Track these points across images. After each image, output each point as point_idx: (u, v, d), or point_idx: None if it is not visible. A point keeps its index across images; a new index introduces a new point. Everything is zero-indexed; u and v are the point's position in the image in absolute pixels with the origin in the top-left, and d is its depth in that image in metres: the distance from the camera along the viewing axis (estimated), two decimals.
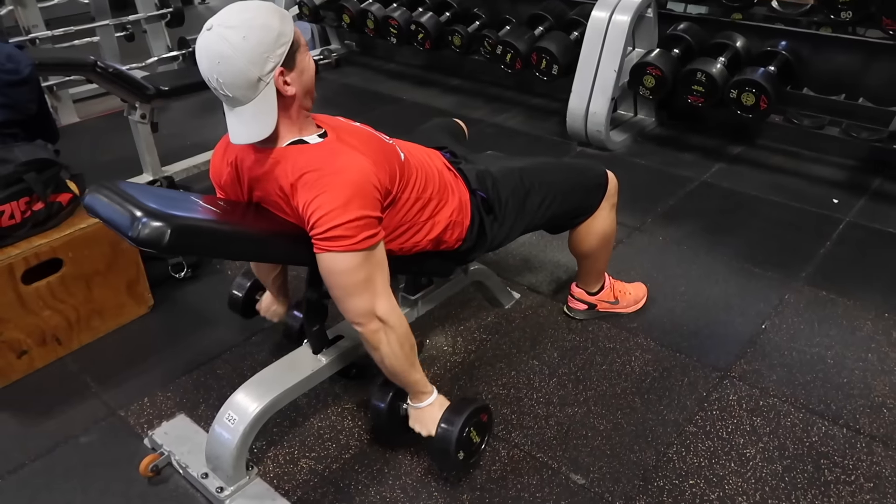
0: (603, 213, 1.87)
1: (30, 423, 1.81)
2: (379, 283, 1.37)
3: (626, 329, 2.06)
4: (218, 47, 1.25)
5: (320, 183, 1.30)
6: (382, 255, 1.38)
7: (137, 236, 1.12)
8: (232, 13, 1.28)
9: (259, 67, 1.27)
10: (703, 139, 3.31)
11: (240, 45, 1.24)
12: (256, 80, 1.27)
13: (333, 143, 1.38)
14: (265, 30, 1.26)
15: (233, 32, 1.25)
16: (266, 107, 1.31)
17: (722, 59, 2.86)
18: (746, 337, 2.01)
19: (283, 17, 1.30)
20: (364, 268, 1.34)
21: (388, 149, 1.48)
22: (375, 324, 1.39)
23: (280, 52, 1.28)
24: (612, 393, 1.82)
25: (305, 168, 1.32)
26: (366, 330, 1.40)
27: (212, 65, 1.27)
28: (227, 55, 1.25)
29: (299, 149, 1.36)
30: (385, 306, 1.39)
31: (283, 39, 1.28)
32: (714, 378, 1.86)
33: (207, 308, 2.22)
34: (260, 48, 1.26)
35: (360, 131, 1.49)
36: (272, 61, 1.28)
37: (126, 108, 2.68)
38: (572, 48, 3.20)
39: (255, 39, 1.25)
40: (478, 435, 1.54)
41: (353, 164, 1.33)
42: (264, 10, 1.29)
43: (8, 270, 1.82)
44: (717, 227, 2.60)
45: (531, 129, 3.54)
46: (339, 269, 1.33)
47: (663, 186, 2.90)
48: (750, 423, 1.71)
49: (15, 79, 2.06)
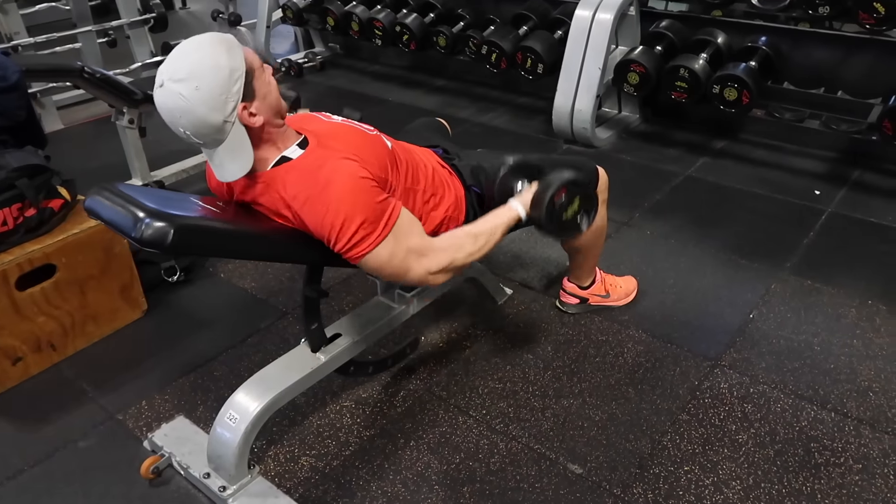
0: None
1: (27, 429, 1.81)
2: (417, 245, 1.38)
3: (617, 321, 2.09)
4: (173, 103, 1.24)
5: (317, 203, 1.31)
6: (408, 220, 1.39)
7: (141, 237, 1.13)
8: (177, 63, 1.24)
9: (220, 111, 1.25)
10: (687, 134, 3.36)
11: (194, 96, 1.22)
12: (221, 123, 1.26)
13: (315, 152, 1.38)
14: (215, 72, 1.23)
15: (183, 86, 1.22)
16: (239, 144, 1.31)
17: (704, 56, 2.91)
18: (735, 326, 2.05)
19: (231, 50, 1.25)
20: (399, 246, 1.36)
21: (372, 140, 1.50)
22: (442, 275, 1.42)
23: (237, 89, 1.25)
24: (607, 384, 1.85)
25: (295, 189, 1.33)
26: (441, 281, 1.43)
27: (173, 119, 1.26)
28: (184, 108, 1.23)
29: (285, 168, 1.37)
30: (435, 261, 1.40)
31: (236, 75, 1.25)
32: (705, 367, 1.90)
33: (202, 311, 2.23)
34: (215, 92, 1.23)
35: (339, 129, 1.50)
36: (231, 100, 1.25)
37: (114, 113, 2.68)
38: (557, 47, 3.24)
39: (208, 86, 1.22)
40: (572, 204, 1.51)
41: (338, 170, 1.33)
42: (209, 50, 1.24)
43: (1, 277, 1.82)
44: (703, 220, 2.64)
45: (517, 128, 3.58)
46: (381, 263, 1.36)
47: (649, 182, 2.95)
48: (741, 409, 1.75)
49: (3, 86, 2.07)
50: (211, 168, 1.52)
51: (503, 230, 1.51)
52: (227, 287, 2.35)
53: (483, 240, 1.47)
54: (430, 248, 1.41)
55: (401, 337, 2.02)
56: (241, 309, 2.23)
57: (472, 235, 1.47)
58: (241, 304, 2.26)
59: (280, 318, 2.17)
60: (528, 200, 1.51)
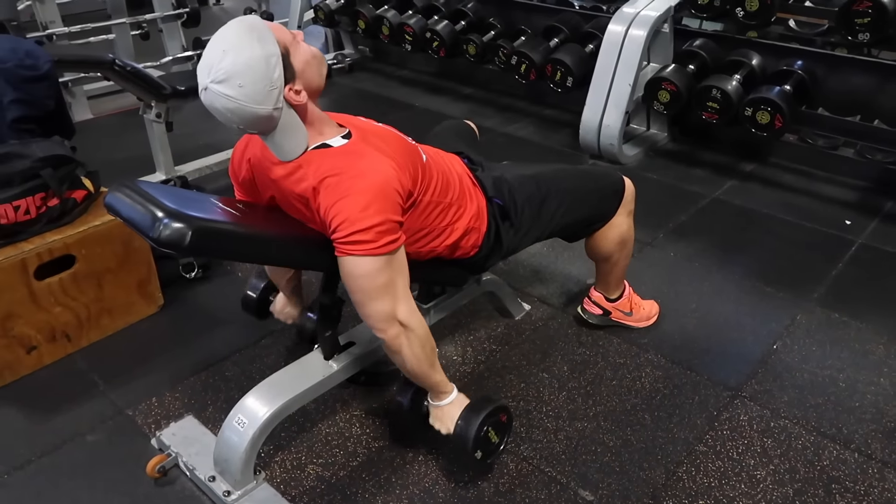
0: (619, 219, 1.86)
1: (37, 419, 1.81)
2: (400, 287, 1.37)
3: (636, 344, 2.05)
4: (221, 104, 1.24)
5: (342, 187, 1.29)
6: (403, 259, 1.38)
7: (159, 237, 1.12)
8: (214, 64, 1.22)
9: (268, 103, 1.25)
10: (715, 156, 3.30)
11: (239, 94, 1.22)
12: (271, 112, 1.26)
13: (357, 145, 1.37)
14: (254, 66, 1.21)
15: (225, 87, 1.22)
16: (291, 127, 1.31)
17: (737, 77, 2.86)
18: (758, 357, 2.00)
19: (261, 37, 1.23)
20: (385, 272, 1.33)
21: (411, 150, 1.48)
22: (396, 328, 1.38)
23: (278, 75, 1.25)
24: (622, 409, 1.81)
25: (328, 172, 1.31)
26: (387, 335, 1.39)
27: (226, 119, 1.27)
28: (233, 108, 1.23)
29: (323, 153, 1.35)
30: (405, 310, 1.38)
31: (273, 61, 1.23)
32: (725, 397, 1.85)
33: (217, 309, 2.22)
34: (260, 86, 1.22)
35: (384, 132, 1.49)
36: (276, 88, 1.25)
37: (142, 106, 2.69)
38: (587, 60, 3.20)
39: (251, 81, 1.21)
40: (496, 435, 1.54)
41: (376, 167, 1.32)
42: (241, 44, 1.22)
43: (21, 266, 1.82)
44: (728, 244, 2.59)
45: (543, 140, 3.54)
46: (360, 273, 1.32)
47: (675, 202, 2.90)
48: (761, 444, 1.70)
49: (33, 75, 2.08)
50: (235, 153, 1.51)
51: (429, 378, 1.50)
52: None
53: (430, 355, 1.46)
54: (408, 300, 1.39)
55: None
56: None
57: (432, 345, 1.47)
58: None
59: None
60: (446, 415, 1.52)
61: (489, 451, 1.54)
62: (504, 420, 1.56)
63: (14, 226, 1.83)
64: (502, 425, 1.56)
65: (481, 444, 1.49)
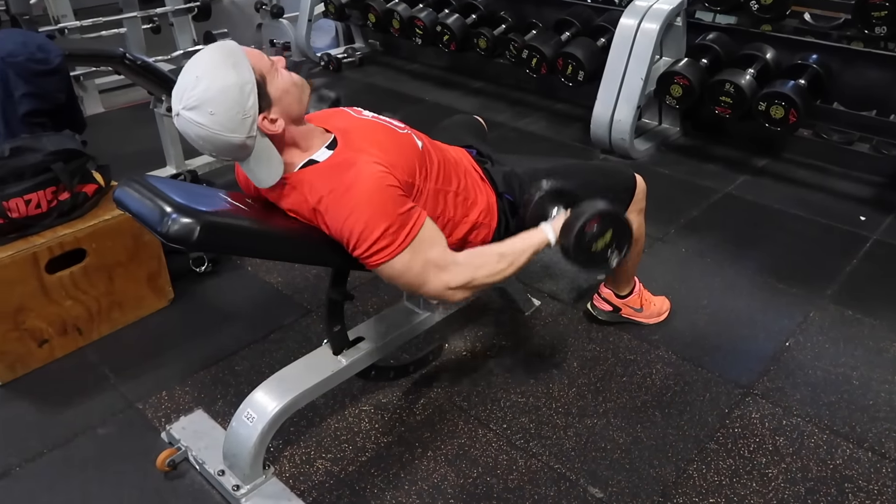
0: (630, 216, 1.83)
1: (48, 412, 1.82)
2: (437, 257, 1.35)
3: (647, 341, 2.03)
4: (193, 131, 1.23)
5: (340, 207, 1.29)
6: (430, 230, 1.36)
7: (167, 232, 1.12)
8: (187, 89, 1.22)
9: (240, 131, 1.23)
10: (728, 150, 3.27)
11: (210, 122, 1.21)
12: (244, 140, 1.25)
13: (343, 154, 1.36)
14: (226, 92, 1.20)
15: (197, 113, 1.21)
16: (265, 156, 1.30)
17: (751, 71, 2.83)
18: (770, 354, 1.98)
19: (236, 64, 1.22)
20: (418, 258, 1.32)
21: (402, 140, 1.46)
22: (460, 293, 1.38)
23: (252, 104, 1.23)
24: (633, 405, 1.80)
25: (321, 192, 1.32)
26: (459, 299, 1.39)
27: (199, 146, 1.26)
28: (204, 136, 1.23)
29: (311, 171, 1.35)
30: (454, 275, 1.36)
31: (247, 89, 1.22)
32: (736, 394, 1.83)
33: (227, 303, 2.23)
34: (232, 113, 1.21)
35: (370, 126, 1.47)
36: (249, 117, 1.23)
37: (152, 100, 2.69)
38: (599, 55, 3.18)
39: (223, 108, 1.20)
40: (602, 237, 1.44)
41: (363, 175, 1.30)
42: (215, 69, 1.21)
43: (32, 259, 1.83)
44: (740, 240, 2.56)
45: (554, 135, 3.52)
46: (397, 273, 1.33)
47: (687, 197, 2.87)
48: (772, 442, 1.68)
49: (45, 69, 2.08)
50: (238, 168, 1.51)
51: (530, 254, 1.45)
52: (254, 280, 2.34)
53: (508, 261, 1.43)
54: (451, 263, 1.37)
55: (424, 343, 1.99)
56: (265, 304, 2.22)
57: (496, 255, 1.43)
58: (265, 298, 2.25)
59: (304, 316, 2.15)
60: (560, 226, 1.46)
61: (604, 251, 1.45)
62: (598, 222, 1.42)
63: (25, 219, 1.84)
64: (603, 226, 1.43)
65: (587, 243, 1.41)
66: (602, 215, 1.43)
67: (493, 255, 1.43)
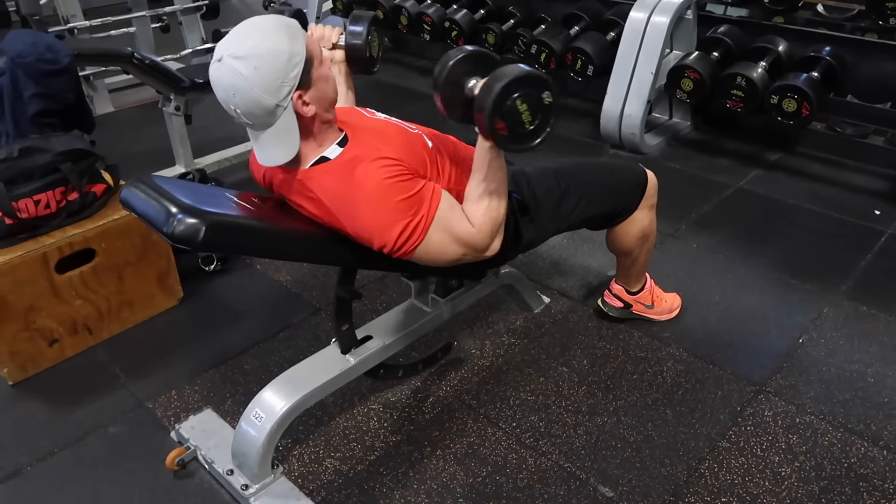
0: (641, 213, 1.82)
1: (59, 411, 1.83)
2: (464, 230, 1.36)
3: (658, 338, 2.01)
4: (229, 80, 1.23)
5: (352, 206, 1.30)
6: (448, 204, 1.36)
7: (173, 232, 1.11)
8: (238, 40, 1.24)
9: (274, 95, 1.24)
10: (740, 144, 3.23)
11: (251, 76, 1.21)
12: (273, 106, 1.25)
13: (352, 151, 1.35)
14: (275, 55, 1.22)
15: (242, 63, 1.21)
16: (287, 131, 1.29)
17: (763, 64, 2.79)
18: (783, 350, 1.95)
19: (293, 36, 1.24)
20: (446, 233, 1.34)
21: (413, 138, 1.46)
22: (495, 241, 1.42)
23: (294, 75, 1.24)
24: (643, 403, 1.78)
25: (332, 192, 1.32)
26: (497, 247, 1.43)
27: (226, 96, 1.25)
28: (239, 87, 1.23)
29: (323, 169, 1.34)
30: (484, 239, 1.39)
31: (295, 60, 1.24)
32: (749, 392, 1.81)
33: (236, 301, 2.23)
34: (272, 76, 1.22)
35: (381, 126, 1.48)
36: (287, 86, 1.24)
37: (161, 99, 2.70)
38: (608, 49, 3.15)
39: (267, 68, 1.21)
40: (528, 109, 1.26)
41: (369, 169, 1.30)
42: (272, 33, 1.24)
43: (42, 259, 1.84)
44: (753, 235, 2.54)
45: (563, 131, 3.49)
46: (433, 255, 1.35)
47: (698, 192, 2.85)
48: (786, 440, 1.66)
49: (53, 69, 2.09)
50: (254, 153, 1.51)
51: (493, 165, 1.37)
52: (263, 279, 2.34)
53: (491, 184, 1.38)
54: (475, 231, 1.38)
55: (433, 340, 1.99)
56: (274, 302, 2.22)
57: (481, 192, 1.38)
58: (275, 297, 2.25)
59: (313, 314, 2.15)
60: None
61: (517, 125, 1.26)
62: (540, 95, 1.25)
63: (35, 220, 1.85)
64: (537, 102, 1.26)
65: (506, 113, 1.23)
66: (520, 79, 1.23)
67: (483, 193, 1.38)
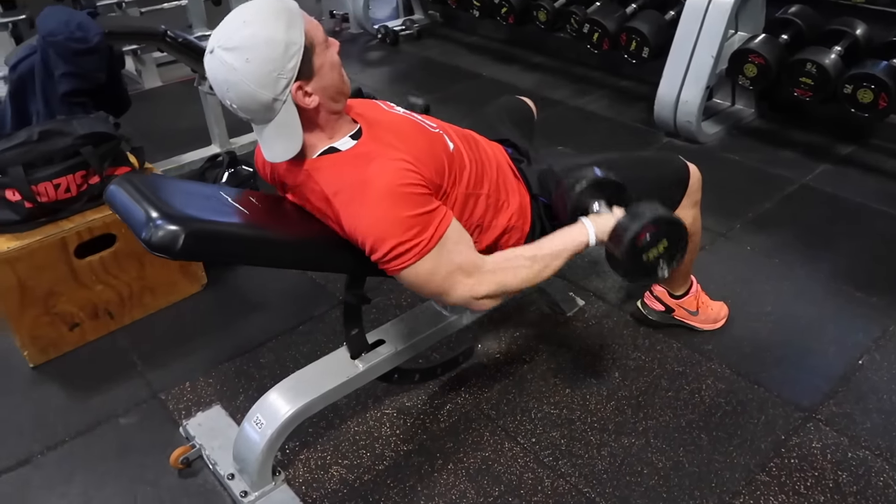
0: (683, 211, 1.66)
1: (76, 396, 1.82)
2: (464, 262, 1.24)
3: (699, 351, 1.86)
4: (221, 73, 1.14)
5: (356, 205, 1.20)
6: (457, 233, 1.25)
7: (150, 239, 1.04)
8: (230, 29, 1.15)
9: (270, 89, 1.14)
10: (808, 136, 2.97)
11: (243, 69, 1.12)
12: (271, 101, 1.16)
13: (366, 146, 1.26)
14: (269, 46, 1.12)
15: (233, 56, 1.12)
16: (287, 125, 1.20)
17: (837, 49, 2.53)
18: (839, 372, 1.77)
19: (290, 21, 1.14)
20: (444, 262, 1.22)
21: (433, 138, 1.35)
22: (487, 302, 1.28)
23: (292, 66, 1.15)
24: (676, 425, 1.64)
25: (337, 185, 1.22)
26: (488, 307, 1.30)
27: (221, 91, 1.17)
28: (232, 81, 1.14)
29: (331, 160, 1.25)
30: (483, 284, 1.26)
31: (292, 50, 1.14)
32: (796, 419, 1.64)
33: (259, 290, 2.18)
34: (267, 68, 1.13)
35: (399, 121, 1.36)
36: (284, 78, 1.15)
37: (196, 78, 2.65)
38: (666, 29, 2.93)
39: (260, 59, 1.12)
40: (657, 246, 1.31)
41: (383, 169, 1.20)
42: (266, 19, 1.14)
43: (61, 244, 1.82)
44: (815, 238, 2.32)
45: (615, 115, 3.30)
46: (421, 280, 1.23)
47: (757, 187, 2.63)
48: (834, 477, 1.50)
49: (83, 47, 2.06)
50: (258, 153, 1.43)
51: (567, 256, 1.32)
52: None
53: (542, 264, 1.30)
54: (480, 268, 1.26)
55: (456, 343, 1.89)
56: (297, 293, 2.16)
57: (529, 258, 1.30)
58: (298, 287, 2.19)
59: (335, 307, 2.08)
60: (605, 228, 1.32)
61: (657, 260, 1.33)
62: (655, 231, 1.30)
63: (55, 203, 1.82)
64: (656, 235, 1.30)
65: (643, 246, 1.29)
66: (659, 222, 1.31)
67: (526, 260, 1.31)
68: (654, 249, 1.32)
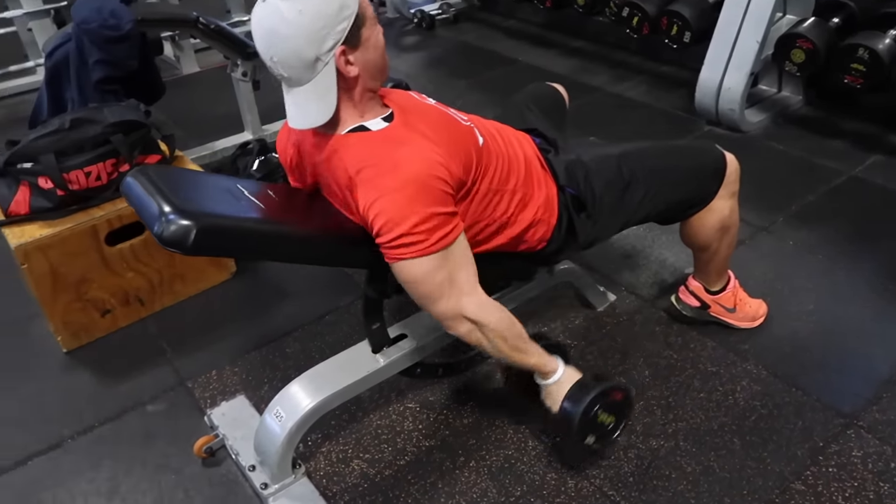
0: (720, 202, 1.60)
1: (106, 382, 1.85)
2: (463, 281, 1.24)
3: (734, 350, 1.79)
4: (271, 22, 1.13)
5: (378, 182, 1.17)
6: (464, 249, 1.24)
7: (161, 234, 1.02)
8: None
9: (316, 46, 1.13)
10: (859, 125, 2.83)
11: (295, 20, 1.11)
12: (314, 59, 1.15)
13: (397, 130, 1.23)
14: (326, 2, 1.12)
15: (288, 5, 1.11)
16: (324, 90, 1.18)
17: (893, 33, 2.40)
18: (884, 376, 1.68)
19: None
20: (443, 269, 1.20)
21: (463, 132, 1.32)
22: (467, 325, 1.27)
23: (341, 28, 1.14)
24: (708, 428, 1.58)
25: (363, 162, 1.19)
26: (460, 332, 1.28)
27: (265, 41, 1.16)
28: (280, 31, 1.13)
29: (359, 137, 1.22)
30: (473, 306, 1.25)
31: (345, 13, 1.14)
32: (836, 425, 1.57)
33: (287, 279, 2.17)
34: (318, 24, 1.12)
35: (431, 112, 1.33)
36: (332, 39, 1.14)
37: (229, 64, 2.66)
38: (709, 12, 2.82)
39: (313, 13, 1.11)
40: (609, 416, 1.38)
41: (414, 155, 1.18)
42: None
43: (92, 232, 1.84)
44: (862, 234, 2.21)
45: (654, 101, 3.20)
46: (416, 277, 1.21)
47: (802, 179, 2.52)
48: (875, 489, 1.43)
49: (115, 35, 2.07)
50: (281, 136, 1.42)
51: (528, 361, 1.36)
52: None
53: (515, 343, 1.32)
54: (475, 292, 1.26)
55: None
56: (325, 281, 2.15)
57: (516, 329, 1.33)
58: (326, 275, 2.17)
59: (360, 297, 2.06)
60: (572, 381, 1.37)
61: (601, 435, 1.39)
62: (619, 399, 1.39)
63: (85, 191, 1.84)
64: (616, 405, 1.38)
65: (589, 426, 1.35)
66: (626, 394, 1.40)
67: (513, 325, 1.33)
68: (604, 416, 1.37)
